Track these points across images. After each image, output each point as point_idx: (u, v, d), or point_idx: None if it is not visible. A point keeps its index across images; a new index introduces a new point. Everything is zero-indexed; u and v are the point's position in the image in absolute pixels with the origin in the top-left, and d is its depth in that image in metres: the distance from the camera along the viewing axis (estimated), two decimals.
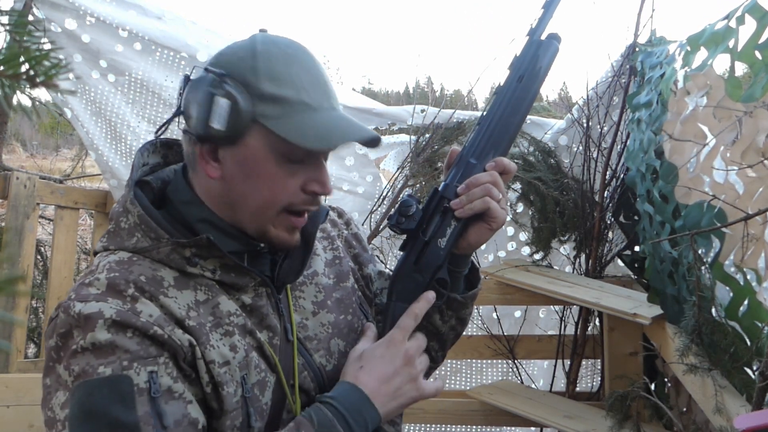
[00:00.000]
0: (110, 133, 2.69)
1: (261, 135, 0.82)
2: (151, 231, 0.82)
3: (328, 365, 0.92)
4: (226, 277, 0.84)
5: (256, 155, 0.82)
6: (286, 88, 0.81)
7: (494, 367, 2.89)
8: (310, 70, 0.84)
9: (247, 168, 0.83)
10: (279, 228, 0.86)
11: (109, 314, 0.74)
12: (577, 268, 2.57)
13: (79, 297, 0.76)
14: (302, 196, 0.85)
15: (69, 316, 0.75)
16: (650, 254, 1.84)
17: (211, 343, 0.80)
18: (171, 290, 0.80)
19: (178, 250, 0.82)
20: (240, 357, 0.82)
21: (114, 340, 0.73)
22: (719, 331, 1.42)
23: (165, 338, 0.76)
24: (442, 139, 2.69)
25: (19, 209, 2.47)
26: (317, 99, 0.83)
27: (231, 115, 0.80)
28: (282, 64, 0.82)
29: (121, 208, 0.86)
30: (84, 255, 3.68)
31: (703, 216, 1.47)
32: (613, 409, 1.91)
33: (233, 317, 0.83)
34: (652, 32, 2.39)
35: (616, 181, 2.48)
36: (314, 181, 0.85)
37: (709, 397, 1.34)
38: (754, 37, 1.27)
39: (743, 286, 1.36)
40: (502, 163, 0.92)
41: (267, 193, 0.83)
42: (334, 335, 0.94)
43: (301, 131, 0.81)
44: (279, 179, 0.83)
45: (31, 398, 1.87)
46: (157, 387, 0.74)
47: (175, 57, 2.64)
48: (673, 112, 1.69)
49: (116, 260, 0.81)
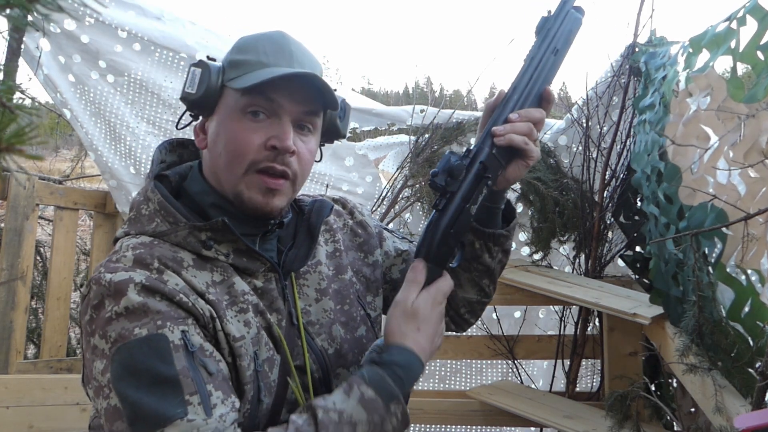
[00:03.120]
0: (109, 133, 2.69)
1: (228, 95, 0.90)
2: (169, 216, 0.88)
3: (330, 348, 0.95)
4: (239, 261, 0.89)
5: (224, 115, 0.90)
6: (248, 54, 0.90)
7: (494, 368, 2.89)
8: (277, 41, 0.92)
9: (218, 129, 0.90)
10: (252, 189, 0.89)
11: (139, 279, 0.79)
12: (577, 268, 2.57)
13: (109, 269, 0.81)
14: (264, 152, 0.89)
15: (100, 286, 0.80)
16: (655, 255, 1.84)
17: (227, 318, 0.84)
18: (190, 270, 0.85)
19: (195, 233, 0.87)
20: (253, 333, 0.86)
21: (146, 302, 0.78)
22: (720, 331, 1.42)
23: (189, 306, 0.81)
24: (442, 140, 2.69)
25: (19, 210, 2.47)
26: (275, 60, 0.90)
27: (202, 80, 0.89)
28: (252, 39, 0.93)
29: (141, 197, 0.92)
30: (84, 256, 3.67)
31: (707, 217, 1.47)
32: (612, 409, 1.91)
33: (247, 296, 0.88)
34: (651, 32, 2.39)
35: (615, 181, 2.48)
36: (274, 137, 0.89)
37: (709, 397, 1.34)
38: (756, 38, 1.27)
39: (746, 287, 1.36)
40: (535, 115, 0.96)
41: (230, 147, 0.89)
42: (335, 321, 0.98)
43: (245, 79, 0.88)
44: (241, 134, 0.88)
45: (30, 399, 1.86)
46: (191, 343, 0.79)
47: (174, 57, 2.64)
48: (676, 114, 1.69)
49: (138, 242, 0.86)
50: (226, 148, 0.89)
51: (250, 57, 0.90)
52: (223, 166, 0.90)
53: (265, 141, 0.89)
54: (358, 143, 2.91)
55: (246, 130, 0.88)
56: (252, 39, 0.93)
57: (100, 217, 2.86)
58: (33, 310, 3.22)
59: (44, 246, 3.35)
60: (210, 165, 0.93)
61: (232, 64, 0.91)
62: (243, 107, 0.89)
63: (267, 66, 0.89)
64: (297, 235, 0.99)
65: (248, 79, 0.88)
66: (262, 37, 0.93)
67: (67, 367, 2.64)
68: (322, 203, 1.03)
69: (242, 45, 0.92)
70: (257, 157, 0.88)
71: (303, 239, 0.98)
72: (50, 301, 2.65)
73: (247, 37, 0.94)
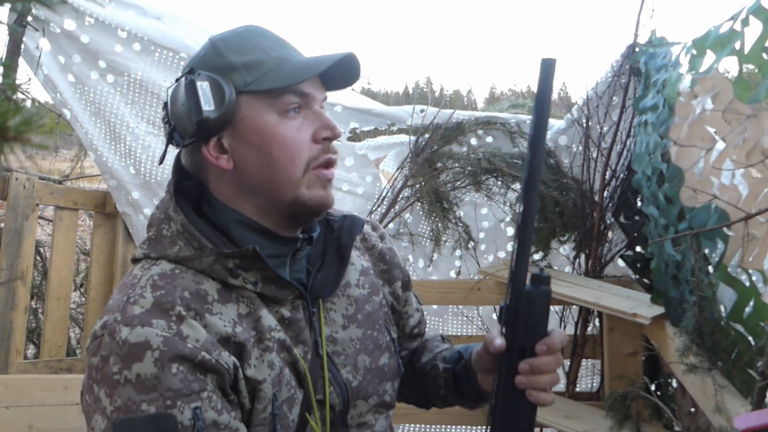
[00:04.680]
0: (109, 133, 2.69)
1: (251, 102, 0.82)
2: (194, 240, 0.81)
3: (354, 381, 0.91)
4: (267, 289, 0.83)
5: (256, 122, 0.82)
6: (253, 53, 0.83)
7: None
8: (266, 35, 0.86)
9: (255, 139, 0.82)
10: (313, 188, 0.85)
11: (157, 344, 0.72)
12: (577, 268, 2.57)
13: (126, 319, 0.74)
14: (316, 146, 0.85)
15: (114, 341, 0.73)
16: (656, 256, 1.84)
17: (251, 360, 0.79)
18: (215, 305, 0.79)
19: (221, 260, 0.80)
20: (275, 374, 0.81)
21: (159, 376, 0.72)
22: (720, 331, 1.42)
23: (212, 363, 0.75)
24: (442, 140, 2.69)
25: (19, 210, 2.47)
26: (284, 53, 0.85)
27: (216, 93, 0.80)
28: (240, 39, 0.85)
29: (162, 214, 0.85)
30: (84, 256, 3.67)
31: (711, 218, 1.47)
32: (612, 409, 1.90)
33: (274, 332, 0.82)
34: (652, 32, 2.39)
35: (615, 181, 2.48)
36: (321, 128, 0.85)
37: (709, 397, 1.34)
38: (761, 40, 1.27)
39: (748, 288, 1.36)
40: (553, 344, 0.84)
41: (284, 153, 0.82)
42: (361, 351, 0.93)
43: (280, 77, 0.82)
44: (288, 135, 0.82)
45: (30, 399, 1.86)
46: (201, 423, 0.73)
47: (174, 57, 2.63)
48: (680, 116, 1.69)
49: (159, 273, 0.80)
50: (277, 155, 0.82)
51: (259, 55, 0.83)
52: (274, 177, 0.83)
53: (313, 136, 0.84)
54: (358, 143, 2.91)
55: (293, 129, 0.83)
56: (240, 39, 0.85)
57: (99, 217, 2.85)
58: (33, 310, 3.22)
59: (44, 246, 3.35)
60: (243, 187, 0.84)
61: (241, 68, 0.82)
62: (282, 108, 0.83)
63: (282, 59, 0.83)
64: (326, 254, 0.93)
65: (277, 75, 0.82)
66: (247, 35, 0.86)
67: (67, 367, 2.64)
68: (353, 220, 0.97)
69: (235, 47, 0.84)
70: (312, 153, 0.84)
71: (332, 260, 0.92)
72: (50, 301, 2.65)
73: (227, 38, 0.85)
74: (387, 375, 0.97)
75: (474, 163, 2.55)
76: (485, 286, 2.43)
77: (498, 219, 2.77)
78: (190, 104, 0.80)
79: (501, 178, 2.59)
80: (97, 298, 2.80)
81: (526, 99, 4.67)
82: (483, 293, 2.44)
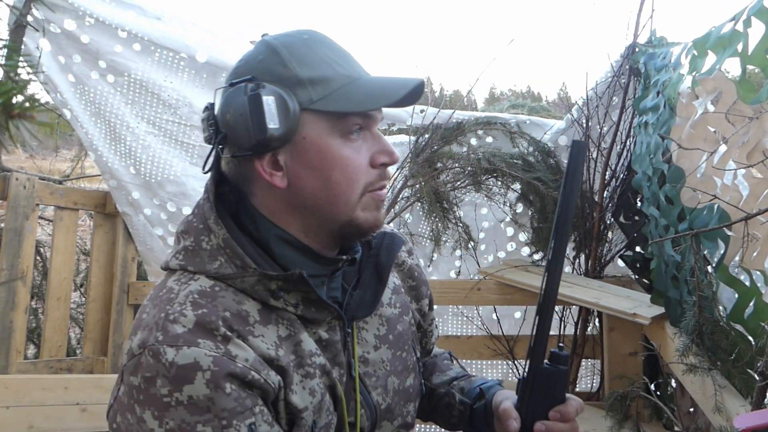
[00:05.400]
0: (109, 133, 2.69)
1: (314, 121, 0.79)
2: (236, 257, 0.78)
3: (383, 403, 0.89)
4: (307, 312, 0.80)
5: (318, 143, 0.79)
6: (320, 68, 0.79)
7: (494, 368, 2.89)
8: (330, 45, 0.82)
9: (314, 161, 0.79)
10: (367, 210, 0.83)
11: (207, 364, 0.70)
12: (577, 268, 2.57)
13: (168, 339, 0.71)
14: (374, 172, 0.83)
15: (159, 363, 0.70)
16: (656, 256, 1.84)
17: (293, 386, 0.78)
18: (257, 327, 0.77)
19: (264, 281, 0.77)
20: (316, 401, 0.80)
21: (212, 397, 0.70)
22: (719, 331, 1.42)
23: (261, 383, 0.74)
24: (442, 140, 2.69)
25: (19, 210, 2.47)
26: (351, 69, 0.81)
27: (281, 110, 0.76)
28: (305, 48, 0.80)
29: (201, 224, 0.81)
30: (84, 256, 3.67)
31: (712, 218, 1.47)
32: (612, 409, 1.91)
33: (314, 357, 0.80)
34: (651, 32, 2.39)
35: (615, 181, 2.48)
36: (379, 153, 0.83)
37: (709, 397, 1.34)
38: (764, 40, 1.27)
39: (749, 288, 1.36)
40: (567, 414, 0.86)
41: (344, 177, 0.80)
42: (390, 373, 0.91)
43: (350, 101, 0.78)
44: (350, 159, 0.80)
45: (30, 399, 1.86)
46: None
47: (174, 57, 2.64)
48: (682, 117, 1.69)
49: (198, 290, 0.76)
50: (337, 179, 0.79)
51: (326, 71, 0.79)
52: (331, 199, 0.80)
53: (371, 160, 0.82)
54: None
55: (354, 152, 0.80)
56: (305, 48, 0.80)
57: (100, 217, 2.85)
58: (33, 310, 3.22)
59: (44, 246, 3.35)
60: (293, 205, 0.81)
61: (307, 83, 0.78)
62: (345, 129, 0.80)
63: (349, 77, 0.80)
64: (362, 271, 0.90)
65: (346, 98, 0.78)
66: (311, 43, 0.81)
67: (67, 367, 2.64)
68: (393, 238, 0.94)
69: (301, 58, 0.79)
70: (369, 178, 0.82)
71: (370, 279, 0.89)
72: (50, 301, 2.65)
73: (292, 46, 0.80)
74: (411, 396, 0.96)
75: (474, 163, 2.55)
76: (485, 286, 2.44)
77: (498, 219, 2.78)
78: (254, 119, 0.75)
79: (501, 178, 2.59)
80: (97, 298, 2.80)
81: (525, 99, 4.67)
82: (483, 293, 2.44)
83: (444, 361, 1.15)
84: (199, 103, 2.68)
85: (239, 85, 0.77)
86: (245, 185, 0.83)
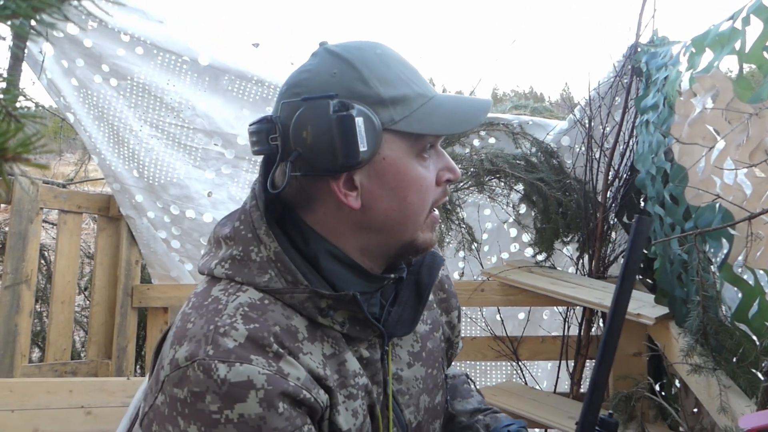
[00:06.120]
0: (113, 137, 2.70)
1: (394, 141, 0.77)
2: (287, 272, 0.76)
3: (414, 422, 0.88)
4: (353, 330, 0.79)
5: (397, 164, 0.77)
6: (399, 87, 0.77)
7: (498, 369, 2.88)
8: (403, 62, 0.81)
9: (392, 181, 0.77)
10: (426, 230, 0.82)
11: (261, 383, 0.68)
12: (581, 268, 2.57)
13: (220, 354, 0.69)
14: (438, 189, 0.82)
15: (210, 379, 0.68)
16: (661, 256, 1.84)
17: (338, 407, 0.77)
18: (305, 344, 0.75)
19: (315, 299, 0.76)
20: (359, 423, 0.79)
21: (264, 417, 0.68)
22: (724, 331, 1.42)
23: (312, 402, 0.73)
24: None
25: (23, 214, 2.48)
26: (426, 88, 0.80)
27: (369, 131, 0.73)
28: (382, 65, 0.78)
29: (250, 233, 0.78)
30: (88, 259, 3.68)
31: (716, 218, 1.47)
32: (617, 410, 1.90)
33: (357, 378, 0.79)
34: (653, 32, 2.39)
35: (618, 181, 2.48)
36: (444, 170, 0.82)
37: (714, 397, 1.34)
38: (762, 39, 1.27)
39: (754, 288, 1.35)
40: None
41: (418, 197, 0.79)
42: (423, 391, 0.90)
43: (432, 123, 0.77)
44: (423, 179, 0.79)
45: (35, 402, 1.87)
46: None
47: (177, 61, 2.64)
48: (681, 115, 1.69)
49: (248, 303, 0.74)
50: (412, 199, 0.78)
51: (404, 90, 0.77)
52: (402, 220, 0.79)
53: (437, 177, 0.81)
54: None
55: (426, 171, 0.80)
56: (383, 66, 0.78)
57: (103, 221, 2.86)
58: (37, 314, 3.23)
59: (48, 250, 3.36)
60: (360, 226, 0.79)
61: (389, 103, 0.76)
62: (420, 149, 0.79)
63: (425, 96, 0.79)
64: (401, 288, 0.88)
65: (426, 119, 0.77)
66: (386, 59, 0.79)
67: (72, 371, 2.65)
68: (434, 257, 0.91)
69: (380, 76, 0.76)
70: (435, 196, 0.82)
71: (409, 297, 0.87)
72: (54, 305, 2.65)
73: (370, 62, 0.77)
74: (438, 413, 0.95)
75: (477, 164, 2.55)
76: (489, 287, 2.43)
77: (501, 220, 2.77)
78: (344, 140, 0.72)
79: (504, 179, 2.58)
80: (102, 302, 2.81)
81: (528, 100, 4.67)
82: (486, 294, 2.44)
83: (464, 385, 1.13)
84: (201, 105, 2.68)
85: (319, 101, 0.73)
86: (304, 201, 0.80)
